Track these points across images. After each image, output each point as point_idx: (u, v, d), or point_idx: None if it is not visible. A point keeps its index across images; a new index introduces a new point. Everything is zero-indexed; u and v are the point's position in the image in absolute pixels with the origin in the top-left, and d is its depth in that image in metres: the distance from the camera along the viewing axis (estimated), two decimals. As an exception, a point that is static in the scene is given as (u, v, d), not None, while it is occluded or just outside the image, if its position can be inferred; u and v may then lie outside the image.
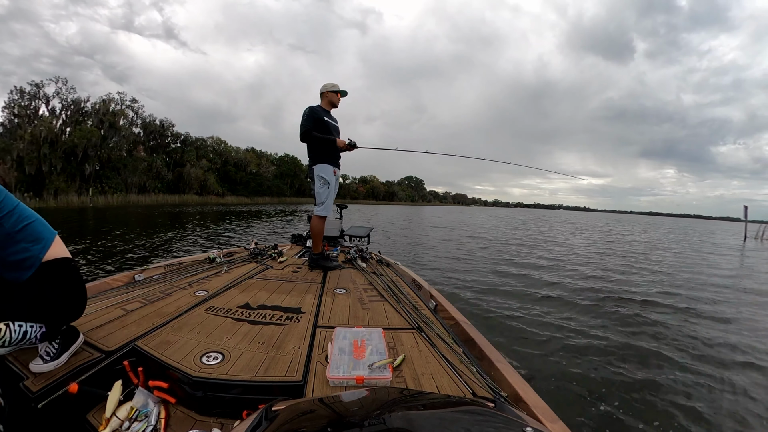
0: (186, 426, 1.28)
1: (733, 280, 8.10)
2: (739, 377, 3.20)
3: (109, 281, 2.56)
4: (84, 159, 34.87)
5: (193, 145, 51.01)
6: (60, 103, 36.78)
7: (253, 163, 59.80)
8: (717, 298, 6.29)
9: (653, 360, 3.50)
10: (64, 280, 1.48)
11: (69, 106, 37.09)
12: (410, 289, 2.88)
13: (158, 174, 42.00)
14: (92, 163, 35.29)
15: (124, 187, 36.86)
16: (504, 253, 10.49)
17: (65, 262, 1.50)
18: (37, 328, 1.35)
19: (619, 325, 4.48)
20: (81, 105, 37.94)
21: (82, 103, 38.08)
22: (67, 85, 36.87)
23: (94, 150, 35.38)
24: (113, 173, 36.94)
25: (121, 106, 40.86)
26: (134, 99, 42.32)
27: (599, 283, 6.97)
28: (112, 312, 1.95)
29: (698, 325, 4.67)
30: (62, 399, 1.27)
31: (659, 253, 12.69)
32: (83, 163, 34.65)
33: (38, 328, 1.35)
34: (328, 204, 3.47)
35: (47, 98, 35.93)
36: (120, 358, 1.51)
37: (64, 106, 36.92)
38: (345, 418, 0.70)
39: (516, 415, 0.74)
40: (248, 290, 2.55)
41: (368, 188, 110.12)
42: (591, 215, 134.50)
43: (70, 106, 37.14)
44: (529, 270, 7.94)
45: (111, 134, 38.77)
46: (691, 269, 9.41)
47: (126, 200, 34.70)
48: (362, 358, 1.52)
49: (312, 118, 3.37)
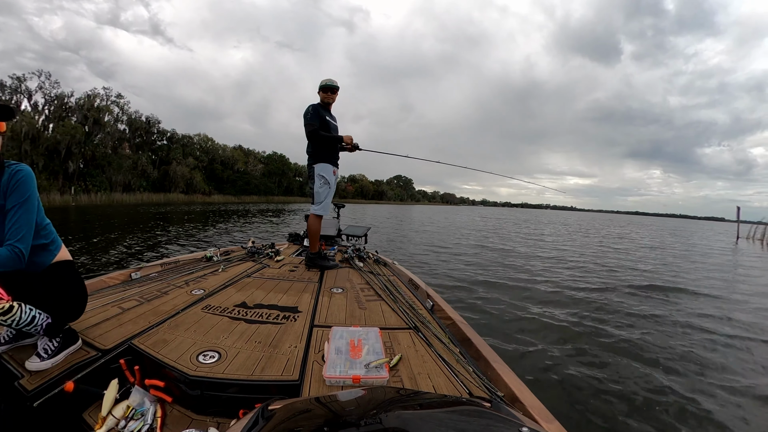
0: (182, 425, 1.28)
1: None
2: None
3: (106, 279, 2.54)
4: (67, 156, 33.93)
5: (179, 142, 50.15)
6: (43, 98, 35.79)
7: (241, 161, 59.12)
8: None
9: (656, 361, 3.47)
10: (70, 280, 1.56)
11: (52, 101, 36.06)
12: (407, 289, 2.90)
13: (143, 172, 41.17)
14: (76, 160, 34.40)
15: (109, 185, 36.00)
16: (506, 254, 10.46)
17: (71, 265, 1.60)
18: (45, 317, 1.39)
19: (622, 324, 4.47)
20: (65, 100, 36.86)
21: (66, 99, 36.99)
22: (50, 79, 35.85)
23: (78, 147, 34.46)
24: (97, 171, 36.03)
25: (106, 102, 39.92)
26: (120, 95, 41.39)
27: (606, 283, 6.99)
28: (108, 310, 1.94)
29: (702, 323, 4.76)
30: (58, 398, 1.26)
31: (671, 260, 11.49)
32: (66, 161, 33.73)
33: (45, 317, 1.39)
34: (326, 203, 3.46)
35: (29, 93, 34.90)
36: (116, 357, 1.50)
37: (47, 101, 35.90)
38: (341, 417, 0.71)
39: (512, 415, 0.75)
40: (245, 289, 2.54)
41: (357, 187, 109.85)
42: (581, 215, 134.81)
43: (54, 101, 36.11)
44: (530, 270, 7.97)
45: (96, 131, 37.81)
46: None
47: (110, 199, 33.84)
48: (359, 357, 1.52)
49: (317, 116, 3.33)
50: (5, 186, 1.31)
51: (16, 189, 1.32)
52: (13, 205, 1.31)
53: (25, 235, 1.32)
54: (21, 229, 1.31)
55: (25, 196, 1.34)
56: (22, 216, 1.32)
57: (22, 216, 1.32)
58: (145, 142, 46.25)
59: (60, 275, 1.52)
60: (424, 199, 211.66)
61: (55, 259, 1.53)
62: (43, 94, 35.76)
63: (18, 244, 1.29)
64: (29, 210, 1.35)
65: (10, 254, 1.27)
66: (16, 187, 1.32)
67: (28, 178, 1.36)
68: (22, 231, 1.31)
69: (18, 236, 1.30)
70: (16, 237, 1.29)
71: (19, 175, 1.33)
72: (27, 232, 1.33)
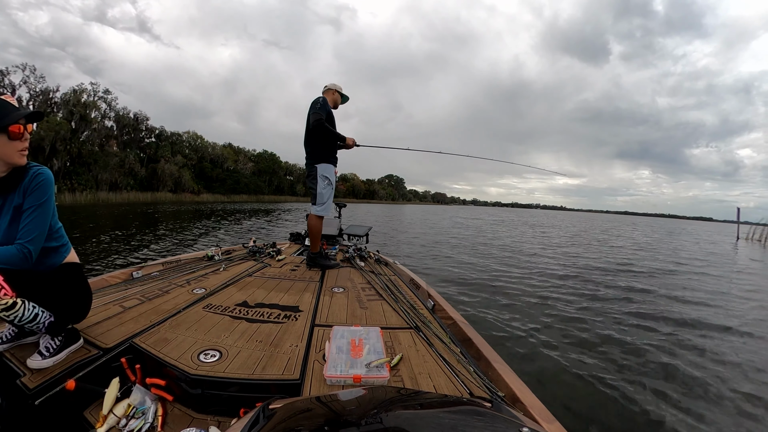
0: (183, 423, 1.28)
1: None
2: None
3: (107, 278, 2.54)
4: (52, 153, 33.19)
5: (168, 140, 49.43)
6: (28, 93, 34.98)
7: (231, 159, 58.53)
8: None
9: (660, 363, 3.43)
10: (77, 282, 1.58)
11: (37, 97, 35.25)
12: (408, 289, 2.91)
13: (131, 170, 40.42)
14: (61, 158, 33.67)
15: (95, 184, 35.26)
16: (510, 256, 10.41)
17: (79, 267, 1.62)
18: (48, 315, 1.40)
19: (623, 326, 4.48)
20: (50, 96, 36.08)
21: (51, 94, 36.21)
22: (35, 73, 35.07)
23: (63, 144, 33.71)
24: (83, 169, 35.27)
25: (93, 98, 39.06)
26: (107, 90, 40.52)
27: (611, 283, 7.02)
28: (109, 309, 1.93)
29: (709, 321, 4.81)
30: (59, 396, 1.26)
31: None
32: (51, 158, 32.96)
33: (48, 315, 1.40)
34: (328, 204, 3.46)
35: (13, 87, 34.01)
36: (117, 356, 1.49)
37: (32, 96, 35.08)
38: (342, 416, 0.71)
39: (513, 415, 0.75)
40: (246, 288, 2.54)
41: (348, 186, 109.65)
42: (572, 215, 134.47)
43: (39, 97, 35.30)
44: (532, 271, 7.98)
45: (82, 127, 37.01)
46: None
47: (95, 198, 33.11)
48: (360, 357, 1.53)
49: (326, 108, 3.33)
50: (26, 186, 1.34)
51: (35, 191, 1.34)
52: (30, 206, 1.33)
53: (36, 237, 1.33)
54: (34, 230, 1.33)
55: (43, 199, 1.36)
56: (37, 218, 1.34)
57: (37, 218, 1.34)
58: (133, 140, 45.45)
59: (67, 277, 1.54)
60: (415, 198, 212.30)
61: (64, 262, 1.55)
62: (28, 89, 35.01)
63: (28, 245, 1.31)
64: (44, 213, 1.37)
65: (18, 253, 1.28)
66: (36, 189, 1.35)
67: (48, 181, 1.39)
68: (35, 233, 1.33)
69: (29, 237, 1.32)
70: (27, 238, 1.31)
71: (40, 178, 1.36)
72: (39, 234, 1.35)
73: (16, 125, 1.26)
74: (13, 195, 1.34)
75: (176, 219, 18.22)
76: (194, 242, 10.17)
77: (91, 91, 39.18)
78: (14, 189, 1.34)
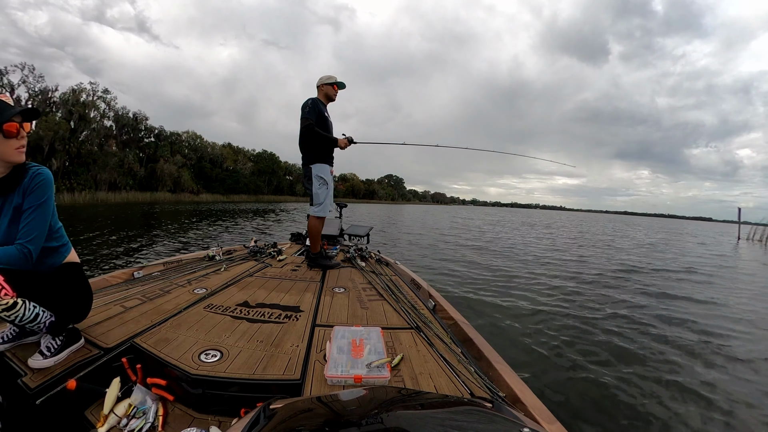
0: (184, 423, 1.28)
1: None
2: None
3: (108, 278, 2.54)
4: (51, 153, 33.11)
5: (167, 139, 49.28)
6: (27, 92, 34.79)
7: (230, 159, 58.44)
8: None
9: (662, 364, 3.42)
10: (77, 282, 1.59)
11: (36, 96, 35.06)
12: (409, 289, 2.91)
13: (130, 170, 40.31)
14: (60, 157, 33.59)
15: (94, 183, 35.16)
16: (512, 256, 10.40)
17: (78, 267, 1.63)
18: (48, 315, 1.40)
19: (625, 327, 4.44)
20: (49, 95, 35.91)
21: (50, 93, 36.03)
22: (34, 73, 34.89)
23: (62, 144, 33.65)
24: (82, 169, 35.18)
25: (92, 97, 38.93)
26: (107, 90, 40.33)
27: (617, 284, 7.04)
28: (111, 309, 1.93)
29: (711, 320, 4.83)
30: (60, 395, 1.26)
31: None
32: (50, 158, 32.86)
33: (49, 315, 1.40)
34: (325, 204, 3.44)
35: (12, 87, 33.83)
36: (118, 355, 1.50)
37: (30, 95, 34.88)
38: (343, 417, 0.71)
39: (513, 415, 0.75)
40: (247, 288, 2.54)
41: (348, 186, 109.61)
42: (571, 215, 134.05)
43: (38, 96, 35.11)
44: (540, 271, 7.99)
45: (81, 127, 36.88)
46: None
47: (94, 198, 33.00)
48: (360, 357, 1.53)
49: (315, 111, 3.28)
50: (26, 186, 1.34)
51: (35, 191, 1.35)
52: (29, 206, 1.34)
53: (36, 237, 1.34)
54: (33, 230, 1.33)
55: (43, 198, 1.36)
56: (37, 218, 1.35)
57: (36, 218, 1.34)
58: (132, 140, 45.26)
59: (68, 277, 1.55)
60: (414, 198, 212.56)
61: (64, 261, 1.56)
62: (27, 88, 34.85)
63: (28, 245, 1.31)
64: (44, 213, 1.37)
65: (18, 254, 1.29)
66: (36, 189, 1.35)
67: (47, 181, 1.39)
68: (34, 233, 1.33)
69: (29, 237, 1.32)
70: (27, 238, 1.31)
71: (39, 178, 1.37)
72: (39, 234, 1.35)
73: (10, 123, 1.25)
74: (13, 195, 1.34)
75: (175, 219, 18.19)
76: (194, 242, 10.16)
77: (90, 91, 39.09)
78: (14, 189, 1.34)
